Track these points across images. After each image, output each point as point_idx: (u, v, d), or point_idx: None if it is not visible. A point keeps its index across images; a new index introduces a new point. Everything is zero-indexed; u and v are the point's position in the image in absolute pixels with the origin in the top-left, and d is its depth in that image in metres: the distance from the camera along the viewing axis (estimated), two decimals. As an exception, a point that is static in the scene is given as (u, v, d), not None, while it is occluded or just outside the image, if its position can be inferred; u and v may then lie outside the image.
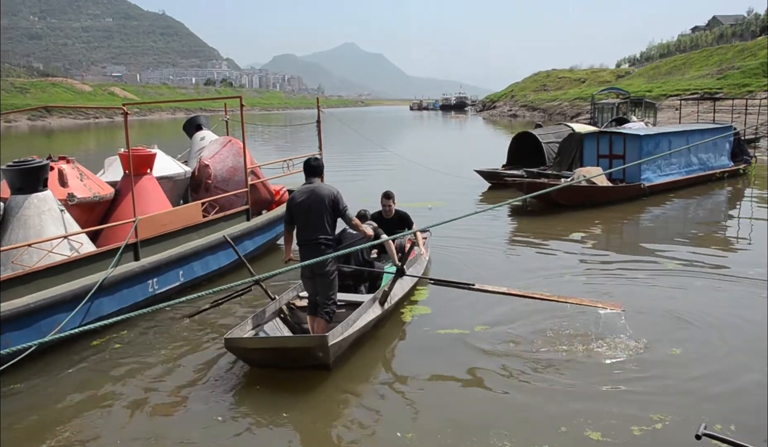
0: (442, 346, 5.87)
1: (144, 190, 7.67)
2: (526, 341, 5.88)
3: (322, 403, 4.91)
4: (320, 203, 5.60)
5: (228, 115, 10.99)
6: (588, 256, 9.25)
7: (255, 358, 5.43)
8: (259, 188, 9.34)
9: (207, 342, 6.19)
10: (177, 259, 7.36)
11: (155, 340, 6.31)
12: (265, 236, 9.19)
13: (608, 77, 72.31)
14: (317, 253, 5.51)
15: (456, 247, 9.71)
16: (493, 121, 66.42)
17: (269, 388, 5.14)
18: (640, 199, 13.50)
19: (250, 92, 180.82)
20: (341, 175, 17.05)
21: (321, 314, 5.73)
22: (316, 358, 5.26)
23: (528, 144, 17.24)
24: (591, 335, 5.91)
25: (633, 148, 13.88)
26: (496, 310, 6.62)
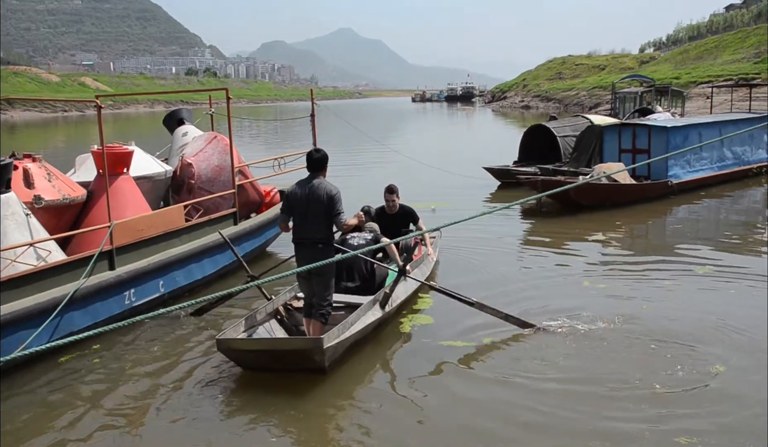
0: (443, 358, 5.89)
1: (120, 191, 7.64)
2: (542, 357, 5.85)
3: (317, 409, 5.03)
4: (319, 201, 5.77)
5: (213, 108, 10.96)
6: (609, 260, 9.23)
7: (248, 360, 5.60)
8: (248, 189, 9.33)
9: (192, 348, 6.34)
10: (157, 268, 7.33)
11: (134, 352, 6.32)
12: (255, 242, 9.17)
13: (630, 63, 72.38)
14: (314, 253, 5.73)
15: (465, 250, 9.71)
16: (503, 113, 66.47)
17: (261, 393, 5.28)
18: (667, 198, 13.48)
19: (236, 83, 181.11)
20: (337, 174, 17.03)
21: (316, 316, 5.92)
22: (312, 361, 5.42)
23: (542, 138, 17.23)
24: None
25: (659, 141, 13.85)
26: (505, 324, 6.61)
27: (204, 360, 6.05)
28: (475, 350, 6.03)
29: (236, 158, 8.98)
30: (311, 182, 5.90)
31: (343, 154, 23.51)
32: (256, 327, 6.12)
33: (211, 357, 6.06)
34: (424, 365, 5.75)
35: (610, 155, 14.58)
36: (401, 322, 6.72)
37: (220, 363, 5.89)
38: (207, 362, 5.99)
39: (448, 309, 6.93)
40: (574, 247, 9.98)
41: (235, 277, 8.53)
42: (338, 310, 6.30)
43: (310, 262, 5.50)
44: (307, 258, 5.78)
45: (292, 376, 5.48)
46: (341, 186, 6.15)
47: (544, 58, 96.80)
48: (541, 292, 7.66)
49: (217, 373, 5.71)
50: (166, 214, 7.88)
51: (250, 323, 6.05)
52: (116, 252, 6.97)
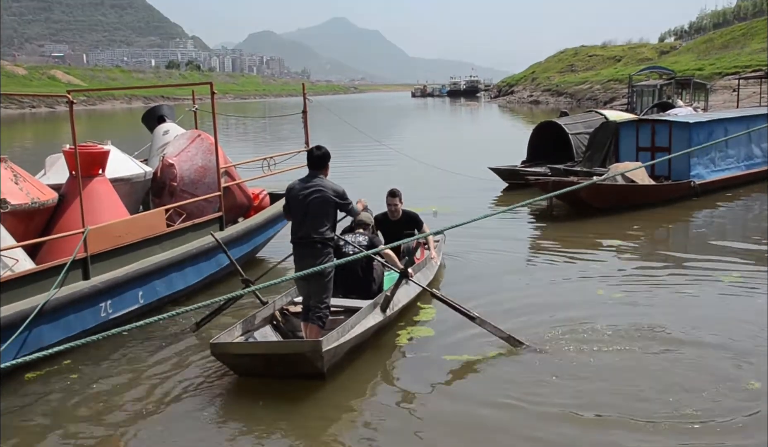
0: (446, 372, 5.93)
1: (94, 194, 7.62)
2: (554, 375, 5.82)
3: (314, 419, 5.17)
4: (321, 200, 6.01)
5: (196, 104, 10.96)
6: (625, 267, 9.22)
7: (243, 365, 5.78)
8: (235, 192, 9.32)
9: (177, 358, 6.45)
10: (135, 278, 7.31)
11: (111, 367, 6.32)
12: (243, 248, 9.15)
13: (649, 54, 72.53)
14: (313, 253, 5.96)
15: (470, 255, 9.74)
16: (510, 108, 66.60)
17: (255, 401, 5.43)
18: (689, 200, 13.48)
19: (221, 77, 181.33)
20: (332, 176, 16.99)
21: (312, 320, 6.10)
22: (310, 365, 5.57)
23: (552, 136, 17.25)
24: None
25: (680, 138, 13.84)
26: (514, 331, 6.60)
27: (190, 370, 6.13)
28: (480, 365, 6.03)
29: (222, 158, 8.96)
30: (312, 181, 6.11)
31: (338, 153, 23.42)
32: (252, 332, 6.26)
33: (198, 366, 6.16)
34: (425, 378, 5.80)
35: (627, 154, 14.57)
36: (399, 334, 6.75)
37: (209, 372, 6.00)
38: (194, 372, 6.07)
39: (451, 320, 6.97)
40: (588, 253, 9.99)
41: (222, 286, 8.53)
42: (337, 315, 6.45)
43: (308, 263, 5.84)
44: (306, 258, 5.98)
45: (289, 383, 5.62)
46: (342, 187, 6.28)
47: (554, 49, 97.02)
48: (550, 300, 7.66)
49: (207, 383, 5.83)
50: (145, 219, 7.87)
51: (245, 328, 6.19)
52: (91, 260, 6.94)
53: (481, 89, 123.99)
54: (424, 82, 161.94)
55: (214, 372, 6.04)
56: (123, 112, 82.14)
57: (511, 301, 7.63)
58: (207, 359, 6.24)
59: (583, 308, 7.34)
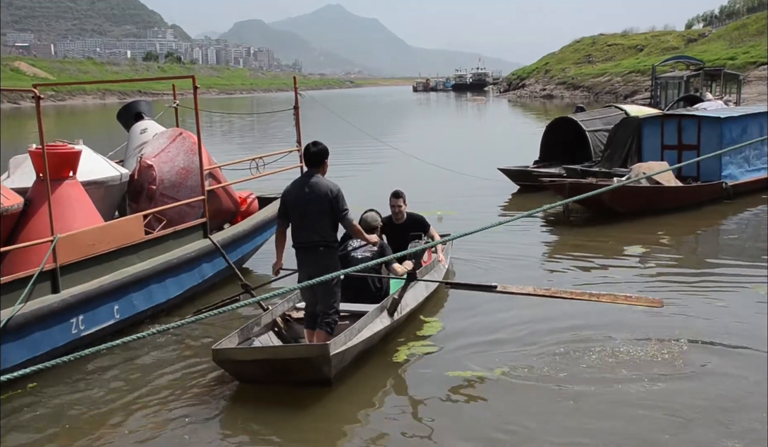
0: (450, 388, 6.02)
1: (65, 199, 7.60)
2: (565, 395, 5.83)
3: (321, 425, 5.43)
4: (319, 200, 6.17)
5: (177, 100, 10.95)
6: (651, 277, 9.19)
7: (247, 372, 6.02)
8: (220, 195, 9.32)
9: (166, 370, 6.60)
10: (110, 291, 7.30)
11: (87, 388, 6.30)
12: (229, 257, 9.11)
13: (675, 42, 72.69)
14: (316, 258, 6.19)
15: (479, 264, 9.76)
16: (521, 104, 66.77)
17: (257, 411, 5.68)
18: (720, 203, 13.47)
19: (204, 70, 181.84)
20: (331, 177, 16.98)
21: (321, 326, 6.31)
22: (317, 371, 5.83)
23: (567, 134, 17.27)
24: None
25: (711, 135, 13.84)
26: (521, 350, 6.73)
27: (184, 381, 6.29)
28: (486, 382, 6.10)
29: (206, 159, 8.96)
30: (309, 180, 6.27)
31: (334, 153, 23.43)
32: (252, 339, 6.48)
33: (193, 376, 6.35)
34: (427, 394, 5.95)
35: (651, 153, 14.57)
36: (398, 350, 6.82)
37: (205, 382, 6.24)
38: (189, 383, 6.24)
39: (455, 334, 7.05)
40: (608, 262, 9.97)
41: (205, 299, 8.52)
42: (343, 320, 6.66)
43: (311, 268, 6.12)
44: (309, 263, 6.23)
45: (292, 391, 5.85)
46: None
47: (570, 39, 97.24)
48: (567, 312, 7.65)
49: (205, 394, 6.01)
50: (121, 225, 7.84)
51: (246, 335, 6.41)
52: (61, 271, 6.91)
53: (489, 83, 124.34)
54: (426, 75, 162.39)
55: (211, 381, 6.22)
56: (96, 108, 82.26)
57: (523, 314, 7.64)
58: (201, 368, 6.44)
59: (603, 321, 7.33)
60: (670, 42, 73.09)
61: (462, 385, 6.07)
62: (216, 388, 6.10)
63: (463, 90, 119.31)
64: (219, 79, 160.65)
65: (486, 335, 7.13)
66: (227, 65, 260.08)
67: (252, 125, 43.83)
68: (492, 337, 7.07)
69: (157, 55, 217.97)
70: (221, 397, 5.93)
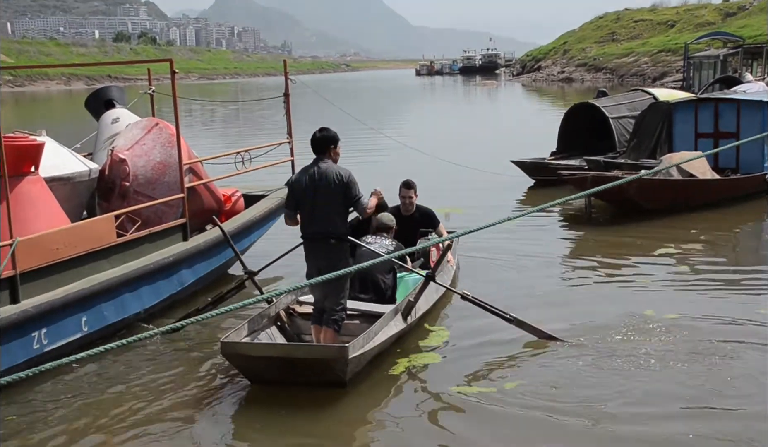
0: (452, 405, 6.14)
1: (25, 197, 7.56)
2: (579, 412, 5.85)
3: (333, 428, 5.80)
4: (328, 188, 6.50)
5: (153, 86, 10.94)
6: (682, 282, 9.15)
7: (256, 368, 6.35)
8: (201, 193, 9.30)
9: (168, 369, 6.98)
10: (77, 300, 7.27)
11: (60, 405, 6.33)
12: (211, 263, 9.16)
13: (710, 17, 72.54)
14: (327, 251, 6.52)
15: (491, 263, 9.84)
16: (537, 88, 66.87)
17: (271, 410, 6.05)
18: (762, 197, 13.43)
19: (183, 52, 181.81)
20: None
21: (328, 323, 6.65)
22: (332, 373, 6.19)
23: (588, 121, 17.26)
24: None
25: (752, 121, 13.76)
26: (533, 366, 6.78)
27: (183, 382, 6.68)
28: (491, 400, 6.15)
29: (185, 152, 8.94)
30: (317, 166, 6.60)
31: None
32: (257, 333, 6.81)
33: (194, 378, 6.74)
34: (430, 407, 6.19)
35: (683, 141, 14.51)
36: (397, 363, 6.92)
37: (209, 383, 6.64)
38: (190, 383, 6.67)
39: (460, 346, 7.21)
40: (635, 264, 9.96)
41: (185, 307, 8.54)
42: (352, 319, 7.04)
43: (321, 260, 6.50)
44: (319, 255, 6.58)
45: (301, 392, 6.19)
46: None
47: (592, 14, 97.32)
48: (587, 322, 7.68)
49: (210, 396, 6.39)
50: (90, 227, 7.83)
51: (252, 328, 6.75)
52: (20, 279, 6.88)
53: (500, 65, 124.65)
54: (431, 57, 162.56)
55: (213, 383, 6.61)
56: (60, 95, 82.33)
57: (540, 312, 7.75)
58: (201, 369, 6.87)
59: (628, 333, 7.33)
60: (705, 16, 72.93)
61: (467, 400, 6.15)
62: (214, 393, 6.42)
63: (472, 73, 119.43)
64: (199, 63, 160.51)
65: (494, 347, 7.20)
66: (208, 47, 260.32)
67: (237, 114, 43.81)
68: (501, 349, 7.13)
69: (129, 36, 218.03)
70: (224, 399, 6.31)
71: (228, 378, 6.64)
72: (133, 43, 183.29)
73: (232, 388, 6.49)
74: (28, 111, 53.03)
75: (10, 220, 6.88)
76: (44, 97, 76.67)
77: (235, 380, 6.57)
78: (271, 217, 10.21)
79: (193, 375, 6.82)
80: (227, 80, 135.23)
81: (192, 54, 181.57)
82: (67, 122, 31.64)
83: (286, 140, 10.81)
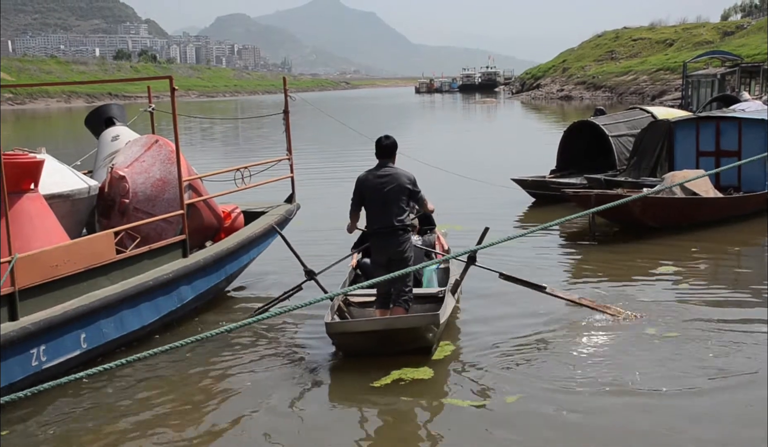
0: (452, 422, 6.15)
1: (25, 214, 7.57)
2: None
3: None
4: (398, 187, 7.44)
5: (153, 103, 10.96)
6: (683, 303, 9.08)
7: (356, 344, 7.31)
8: (201, 210, 9.32)
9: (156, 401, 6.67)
10: (77, 317, 7.25)
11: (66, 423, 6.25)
12: (211, 279, 9.14)
13: (709, 36, 72.83)
14: (395, 240, 7.45)
15: (491, 282, 9.71)
16: (536, 106, 67.02)
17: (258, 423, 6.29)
18: (764, 216, 13.41)
19: (183, 69, 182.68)
20: (321, 186, 17.00)
21: (399, 303, 7.56)
22: (424, 339, 7.26)
23: (587, 140, 17.28)
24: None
25: (754, 139, 13.75)
26: (534, 376, 6.85)
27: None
28: (490, 413, 6.23)
29: (185, 169, 8.95)
30: (385, 168, 7.53)
31: (331, 161, 23.75)
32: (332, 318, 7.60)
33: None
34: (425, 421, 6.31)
35: (685, 160, 14.51)
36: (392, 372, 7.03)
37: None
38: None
39: (466, 357, 7.38)
40: (636, 282, 9.94)
41: (185, 324, 8.54)
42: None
43: (391, 250, 7.47)
44: (387, 246, 7.49)
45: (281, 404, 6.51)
46: (332, 200, 6.57)
47: (590, 33, 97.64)
48: (588, 341, 7.71)
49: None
50: (89, 244, 7.81)
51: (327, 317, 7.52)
52: (19, 295, 6.87)
53: (500, 83, 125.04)
54: (430, 75, 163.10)
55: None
56: (60, 112, 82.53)
57: (539, 340, 7.77)
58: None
59: (629, 351, 7.35)
60: (703, 35, 73.27)
61: (466, 412, 6.28)
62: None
63: (472, 91, 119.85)
64: (199, 80, 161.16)
65: (499, 359, 7.35)
66: (208, 64, 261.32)
67: (236, 132, 43.99)
68: (506, 359, 7.33)
69: (130, 54, 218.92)
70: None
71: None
72: (133, 61, 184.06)
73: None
74: (28, 129, 53.18)
75: (9, 236, 6.86)
76: (44, 115, 76.91)
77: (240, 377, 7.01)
78: (271, 233, 10.20)
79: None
80: (227, 98, 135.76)
81: (192, 71, 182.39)
82: (67, 140, 31.71)
83: (286, 157, 10.81)
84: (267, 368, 7.44)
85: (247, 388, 6.97)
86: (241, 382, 7.12)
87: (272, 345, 8.09)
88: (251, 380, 7.15)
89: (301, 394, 6.83)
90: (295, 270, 8.40)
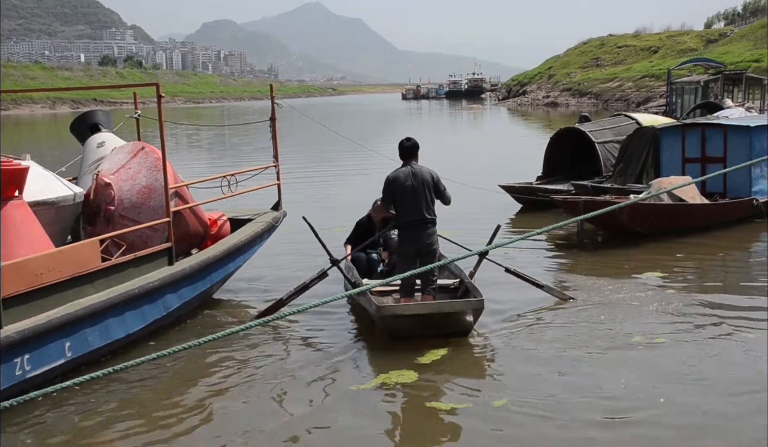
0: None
1: (9, 222, 7.51)
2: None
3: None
4: (425, 183, 8.21)
5: (138, 110, 10.91)
6: (668, 309, 9.10)
7: (404, 327, 7.84)
8: (187, 217, 9.29)
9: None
10: (61, 325, 7.19)
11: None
12: (197, 287, 9.09)
13: (693, 43, 73.40)
14: (426, 232, 8.21)
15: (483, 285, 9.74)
16: (522, 112, 67.30)
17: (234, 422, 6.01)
18: (750, 222, 13.53)
19: (169, 75, 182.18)
20: (310, 190, 16.99)
21: (428, 291, 8.32)
22: (467, 323, 7.93)
23: (573, 146, 17.35)
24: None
25: (739, 146, 13.87)
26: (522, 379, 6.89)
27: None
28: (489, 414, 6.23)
29: (171, 176, 8.92)
30: (412, 167, 8.29)
31: (318, 166, 23.74)
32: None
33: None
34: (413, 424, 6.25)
35: (670, 166, 14.60)
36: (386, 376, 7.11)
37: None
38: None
39: (458, 361, 7.40)
40: (623, 288, 9.93)
41: (173, 332, 8.52)
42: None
43: (421, 242, 8.19)
44: (420, 237, 8.19)
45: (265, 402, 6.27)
46: (321, 207, 6.56)
47: (576, 40, 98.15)
48: (574, 349, 7.72)
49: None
50: (74, 251, 7.78)
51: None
52: (3, 304, 6.80)
53: (486, 89, 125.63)
54: (417, 82, 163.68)
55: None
56: (45, 118, 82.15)
57: (528, 346, 7.80)
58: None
59: (614, 358, 7.39)
60: (687, 43, 73.82)
61: (454, 415, 6.36)
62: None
63: (458, 97, 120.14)
64: (185, 86, 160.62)
65: (487, 364, 7.45)
66: (194, 70, 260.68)
67: (223, 138, 43.86)
68: (495, 363, 7.44)
69: (115, 59, 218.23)
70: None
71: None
72: (119, 66, 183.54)
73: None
74: (12, 135, 52.80)
75: (-7, 244, 6.81)
76: (29, 121, 76.50)
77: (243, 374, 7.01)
78: (258, 240, 10.17)
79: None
80: (214, 104, 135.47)
81: (178, 78, 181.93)
82: (52, 146, 31.55)
83: (273, 164, 10.79)
84: (259, 366, 7.55)
85: (230, 391, 6.97)
86: (224, 386, 7.09)
87: (266, 344, 8.23)
88: (235, 382, 7.16)
89: (281, 394, 6.90)
90: (287, 276, 8.31)
